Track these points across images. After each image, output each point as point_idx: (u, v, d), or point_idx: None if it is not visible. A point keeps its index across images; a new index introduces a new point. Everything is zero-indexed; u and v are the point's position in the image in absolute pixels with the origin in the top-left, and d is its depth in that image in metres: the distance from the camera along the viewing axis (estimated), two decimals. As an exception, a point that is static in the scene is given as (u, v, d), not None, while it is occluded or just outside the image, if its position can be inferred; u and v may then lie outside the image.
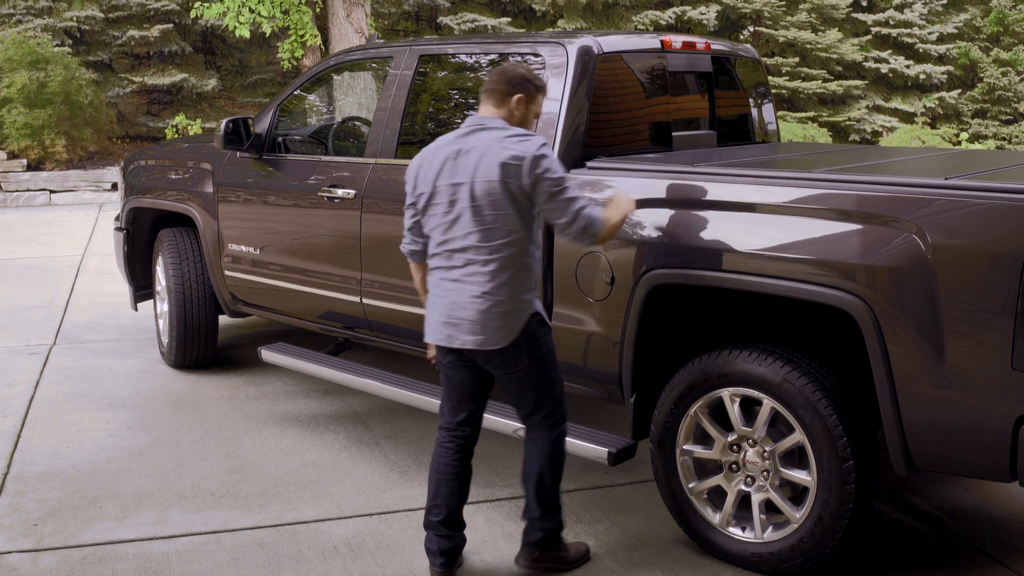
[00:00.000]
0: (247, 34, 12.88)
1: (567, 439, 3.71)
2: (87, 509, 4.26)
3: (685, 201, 3.77)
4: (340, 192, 4.93)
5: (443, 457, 3.62)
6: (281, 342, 5.58)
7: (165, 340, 6.21)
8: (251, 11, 12.73)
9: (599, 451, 3.92)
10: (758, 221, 3.56)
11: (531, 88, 3.53)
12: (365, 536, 4.02)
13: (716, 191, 3.70)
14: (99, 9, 16.10)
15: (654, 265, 3.77)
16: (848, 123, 17.84)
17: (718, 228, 3.64)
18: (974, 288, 3.11)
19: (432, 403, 4.38)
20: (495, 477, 4.59)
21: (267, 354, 5.40)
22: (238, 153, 5.59)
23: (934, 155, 4.99)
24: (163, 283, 6.18)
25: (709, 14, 17.53)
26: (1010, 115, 18.35)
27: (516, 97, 3.49)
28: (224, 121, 5.39)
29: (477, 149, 3.41)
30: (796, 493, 3.62)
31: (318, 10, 14.34)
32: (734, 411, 3.65)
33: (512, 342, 3.44)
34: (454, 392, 3.63)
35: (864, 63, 18.33)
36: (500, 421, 4.11)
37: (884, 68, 18.22)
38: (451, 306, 3.45)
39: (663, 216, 3.80)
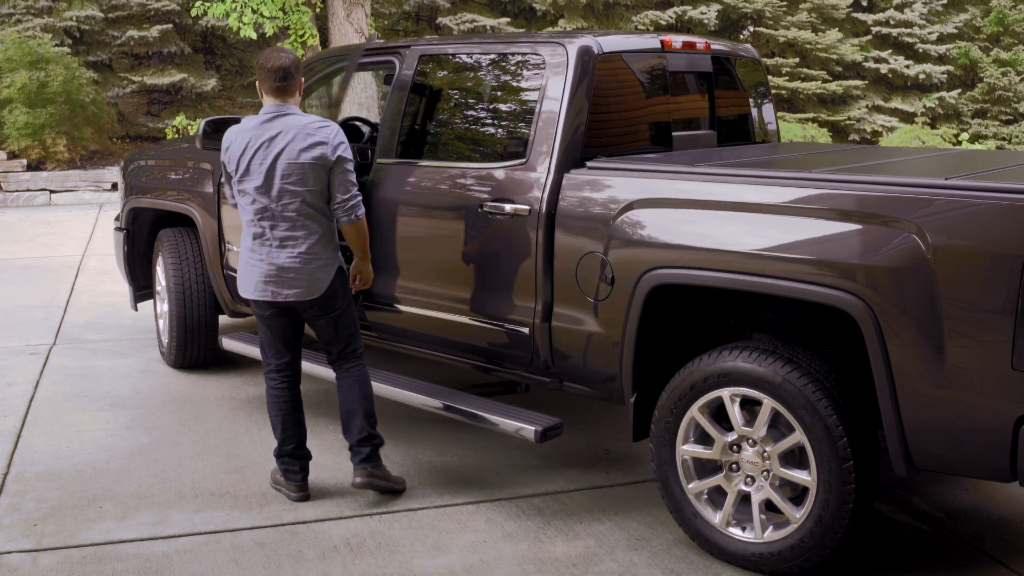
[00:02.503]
0: (253, 35, 12.69)
1: (495, 418, 4.24)
2: (87, 509, 4.26)
3: (685, 201, 3.77)
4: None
5: (281, 395, 4.30)
6: (243, 331, 5.59)
7: (165, 340, 6.21)
8: (254, 11, 12.66)
9: (527, 429, 4.11)
10: (758, 221, 3.56)
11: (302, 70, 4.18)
12: (365, 536, 4.02)
13: (716, 191, 3.70)
14: (99, 9, 16.10)
15: (654, 265, 3.78)
16: (848, 123, 17.84)
17: (718, 228, 3.64)
18: (974, 288, 3.11)
19: (405, 396, 4.61)
20: (495, 477, 4.58)
21: (228, 342, 5.41)
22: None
23: (934, 155, 4.99)
24: (163, 283, 6.18)
25: (709, 14, 17.54)
26: (1010, 115, 18.35)
27: (301, 83, 4.11)
28: (202, 122, 4.99)
29: (286, 132, 3.98)
30: (796, 493, 3.61)
31: (318, 10, 14.33)
32: (734, 411, 3.65)
33: (327, 289, 4.11)
34: (277, 339, 4.28)
35: (864, 63, 18.33)
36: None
37: (884, 68, 18.22)
38: (272, 267, 4.06)
39: (663, 216, 3.80)
